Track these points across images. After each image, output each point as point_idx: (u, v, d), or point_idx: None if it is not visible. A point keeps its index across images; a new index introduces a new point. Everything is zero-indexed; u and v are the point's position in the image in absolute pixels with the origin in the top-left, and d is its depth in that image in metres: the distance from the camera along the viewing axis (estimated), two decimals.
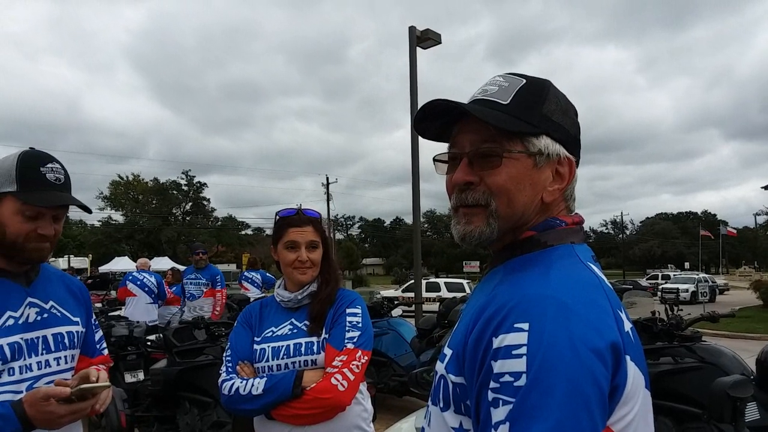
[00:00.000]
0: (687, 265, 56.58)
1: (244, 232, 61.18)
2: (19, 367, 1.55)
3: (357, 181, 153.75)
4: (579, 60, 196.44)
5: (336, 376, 1.80)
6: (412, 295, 14.76)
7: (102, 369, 1.76)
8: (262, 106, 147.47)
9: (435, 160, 1.08)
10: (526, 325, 0.81)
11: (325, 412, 1.80)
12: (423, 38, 10.91)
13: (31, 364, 1.59)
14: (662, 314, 3.88)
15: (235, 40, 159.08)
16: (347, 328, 1.91)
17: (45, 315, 1.65)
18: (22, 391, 1.52)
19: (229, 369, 1.92)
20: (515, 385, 0.78)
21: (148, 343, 5.80)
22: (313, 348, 1.90)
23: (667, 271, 43.99)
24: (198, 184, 54.80)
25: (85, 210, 1.72)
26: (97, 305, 8.72)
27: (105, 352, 1.92)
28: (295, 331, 1.95)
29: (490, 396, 0.80)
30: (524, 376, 0.78)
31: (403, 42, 10.89)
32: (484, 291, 0.98)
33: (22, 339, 1.57)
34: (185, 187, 54.53)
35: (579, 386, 0.76)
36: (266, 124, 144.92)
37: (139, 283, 7.85)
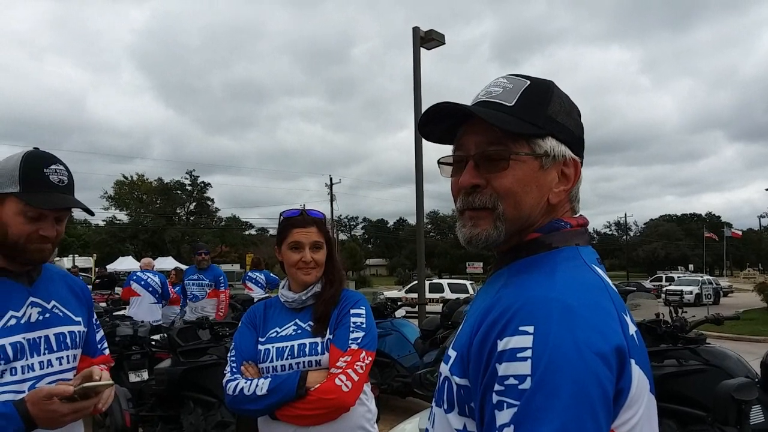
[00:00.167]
0: (691, 267, 56.37)
1: (247, 233, 61.24)
2: (22, 367, 1.55)
3: (360, 182, 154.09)
4: (583, 61, 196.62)
5: (340, 377, 1.81)
6: (415, 295, 14.73)
7: (104, 368, 1.76)
8: (266, 106, 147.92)
9: (440, 162, 1.07)
10: (530, 328, 0.81)
11: (330, 413, 1.80)
12: (427, 39, 10.90)
13: (33, 364, 1.58)
14: (666, 316, 3.87)
15: (239, 40, 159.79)
16: (351, 329, 1.91)
17: (47, 315, 1.65)
18: (24, 391, 1.52)
19: (234, 369, 1.92)
20: (520, 388, 0.78)
21: (152, 343, 5.83)
22: (317, 348, 1.90)
23: (677, 273, 43.45)
24: (202, 184, 54.87)
25: (87, 212, 1.72)
26: (101, 305, 8.76)
27: (106, 351, 1.91)
28: (300, 332, 1.95)
29: (495, 399, 0.80)
30: (529, 379, 0.78)
31: (407, 42, 10.88)
32: (488, 293, 0.98)
33: (24, 339, 1.57)
34: (189, 187, 54.58)
35: (584, 389, 0.76)
36: (270, 124, 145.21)
37: (143, 283, 7.87)
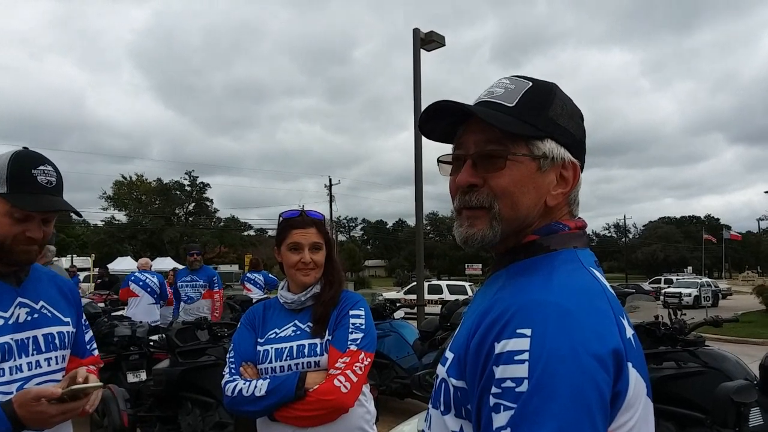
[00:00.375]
0: (690, 269, 56.42)
1: (246, 233, 61.09)
2: (9, 368, 1.54)
3: (360, 183, 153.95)
4: (584, 63, 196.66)
5: (339, 378, 1.80)
6: (414, 297, 14.75)
7: (93, 370, 1.74)
8: (266, 107, 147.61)
9: (439, 161, 1.07)
10: (528, 331, 0.81)
11: (328, 414, 1.80)
12: (427, 40, 10.92)
13: (22, 365, 1.57)
14: (665, 318, 3.87)
15: (239, 40, 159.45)
16: (350, 330, 1.91)
17: (35, 315, 1.64)
18: (13, 392, 1.50)
19: (233, 370, 1.92)
20: (517, 390, 0.78)
21: (150, 344, 5.82)
22: (316, 350, 1.90)
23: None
24: (201, 185, 54.76)
25: (76, 215, 1.71)
26: (99, 305, 8.74)
27: (95, 352, 1.90)
28: (299, 333, 1.94)
29: (492, 401, 0.80)
30: (526, 382, 0.78)
31: (408, 43, 10.90)
32: (486, 295, 0.98)
33: (12, 339, 1.55)
34: (188, 188, 54.47)
35: (581, 392, 0.76)
36: (270, 124, 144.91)
37: (141, 283, 7.86)
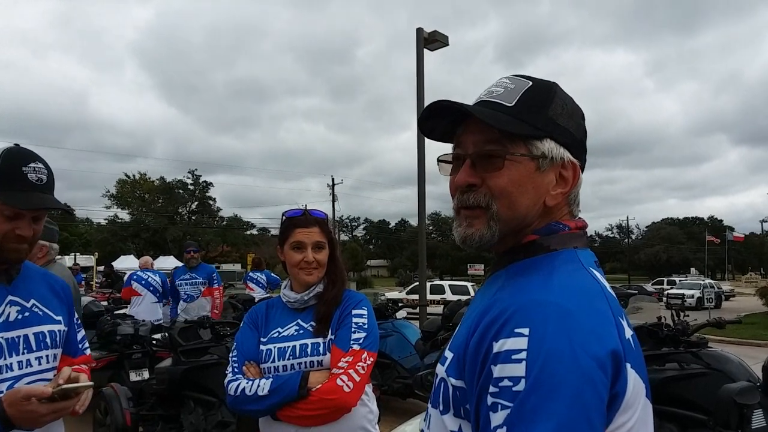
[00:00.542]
0: (696, 271, 56.27)
1: (249, 232, 61.15)
2: (0, 367, 1.53)
3: (363, 183, 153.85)
4: (587, 63, 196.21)
5: (342, 377, 1.80)
6: (416, 297, 14.73)
7: (84, 369, 1.73)
8: (269, 106, 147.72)
9: (439, 160, 1.07)
10: (526, 331, 0.81)
11: (331, 413, 1.80)
12: (430, 40, 10.92)
13: (12, 364, 1.56)
14: (668, 320, 3.86)
15: (242, 39, 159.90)
16: (353, 330, 1.91)
17: (26, 314, 1.63)
18: (2, 391, 1.50)
19: (236, 369, 1.92)
20: (514, 389, 0.78)
21: (153, 342, 5.83)
22: (319, 349, 1.90)
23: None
24: (204, 184, 54.80)
25: (67, 212, 1.70)
26: (102, 303, 8.75)
27: (87, 351, 1.88)
28: (301, 332, 1.95)
29: (489, 400, 0.80)
30: (523, 381, 0.78)
31: (411, 43, 10.90)
32: (486, 295, 0.98)
33: (2, 338, 1.55)
34: (191, 187, 54.51)
35: (578, 393, 0.76)
36: (273, 123, 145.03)
37: (143, 282, 7.87)
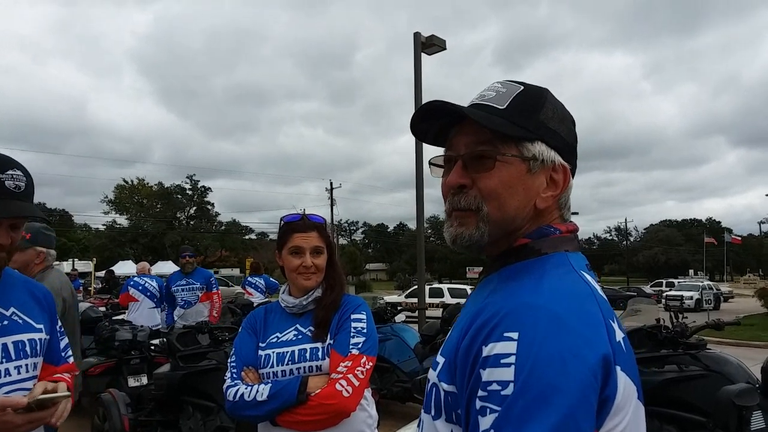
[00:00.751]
0: (691, 272, 56.33)
1: (247, 237, 61.05)
2: None
3: (361, 186, 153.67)
4: (586, 66, 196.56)
5: (341, 382, 1.80)
6: (415, 300, 14.69)
7: (66, 378, 1.71)
8: (268, 111, 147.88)
9: (431, 163, 1.07)
10: (515, 335, 0.80)
11: (330, 418, 1.79)
12: (428, 44, 10.92)
13: None
14: (667, 322, 3.86)
15: (241, 44, 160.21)
16: (352, 334, 1.91)
17: (5, 322, 1.61)
18: None
19: (234, 375, 1.91)
20: (502, 393, 0.78)
21: (151, 348, 5.82)
22: (318, 354, 1.90)
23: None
24: (202, 189, 54.74)
25: (43, 221, 1.69)
26: (100, 309, 8.74)
27: (70, 360, 1.86)
28: (300, 337, 1.94)
29: (478, 404, 0.80)
30: (511, 385, 0.77)
31: (410, 47, 10.89)
32: (477, 299, 0.98)
33: None
34: (190, 192, 54.45)
35: (567, 397, 0.76)
36: (271, 128, 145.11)
37: (141, 288, 7.85)
